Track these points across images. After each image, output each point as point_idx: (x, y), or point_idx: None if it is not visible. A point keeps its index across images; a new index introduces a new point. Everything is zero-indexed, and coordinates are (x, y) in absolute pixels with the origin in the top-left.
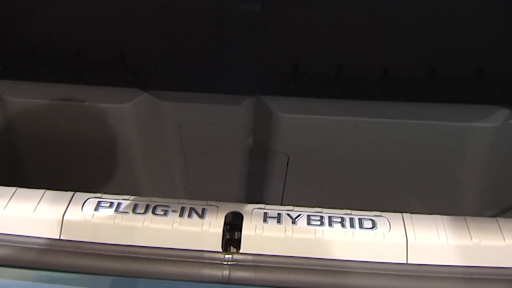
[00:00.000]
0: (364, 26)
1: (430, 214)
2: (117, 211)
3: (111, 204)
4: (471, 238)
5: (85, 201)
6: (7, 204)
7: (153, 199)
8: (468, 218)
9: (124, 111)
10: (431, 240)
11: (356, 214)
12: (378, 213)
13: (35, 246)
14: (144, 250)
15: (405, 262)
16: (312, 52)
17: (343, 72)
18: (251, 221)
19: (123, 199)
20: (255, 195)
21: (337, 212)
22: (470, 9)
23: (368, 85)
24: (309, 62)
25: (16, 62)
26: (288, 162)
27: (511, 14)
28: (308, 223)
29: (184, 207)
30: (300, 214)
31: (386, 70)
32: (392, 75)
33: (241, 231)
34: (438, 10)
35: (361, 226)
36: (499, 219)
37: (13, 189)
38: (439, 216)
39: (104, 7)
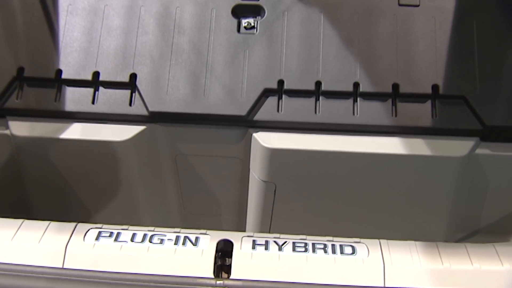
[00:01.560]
0: (336, 46)
1: (405, 239)
2: (116, 240)
3: (111, 234)
4: (442, 262)
5: (86, 232)
6: (14, 235)
7: (150, 228)
8: (439, 243)
9: (124, 145)
10: (406, 265)
11: (338, 241)
12: (357, 239)
13: (40, 275)
14: (141, 277)
15: (382, 285)
16: (293, 69)
17: (321, 86)
18: (241, 249)
19: (122, 229)
20: (246, 221)
21: (320, 239)
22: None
23: (344, 99)
24: (291, 79)
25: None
26: (275, 190)
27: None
28: (294, 250)
29: (178, 236)
30: (286, 241)
31: (357, 85)
32: (364, 89)
33: (231, 257)
34: (404, 32)
35: (342, 252)
36: (467, 244)
37: (20, 221)
38: (412, 242)
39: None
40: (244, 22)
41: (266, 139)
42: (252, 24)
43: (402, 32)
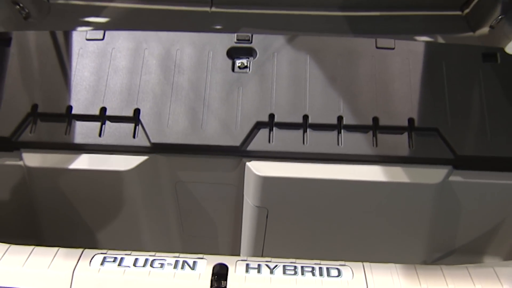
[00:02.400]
0: (321, 84)
1: (387, 261)
2: (120, 265)
3: (115, 259)
4: (420, 284)
5: (92, 257)
6: (25, 261)
7: (151, 253)
8: (417, 266)
9: (129, 174)
10: (387, 286)
11: (325, 264)
12: (343, 262)
13: None
14: None
15: None
16: (283, 104)
17: (308, 120)
18: (235, 272)
19: (125, 254)
20: (240, 242)
21: (308, 263)
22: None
23: (329, 131)
24: (282, 113)
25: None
26: (267, 215)
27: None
28: (284, 273)
29: (177, 260)
30: (277, 265)
31: (341, 118)
32: (347, 122)
33: (226, 280)
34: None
35: (328, 275)
36: (442, 266)
37: (31, 247)
38: (393, 264)
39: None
40: (238, 62)
41: (258, 168)
42: (245, 64)
43: (380, 71)
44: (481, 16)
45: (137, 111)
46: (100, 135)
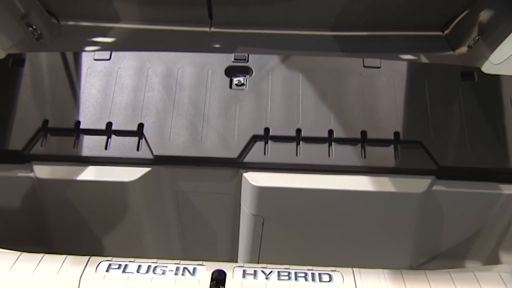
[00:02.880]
0: (313, 100)
1: (376, 266)
2: (124, 272)
3: (119, 266)
4: (406, 287)
5: (98, 264)
6: (35, 268)
7: (154, 260)
8: (403, 271)
9: (133, 185)
10: None
11: (317, 270)
12: (333, 268)
13: None
14: None
15: None
16: (277, 119)
17: (301, 133)
18: (232, 278)
19: (129, 261)
20: (238, 249)
21: (301, 268)
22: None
23: (320, 143)
24: (276, 127)
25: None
26: (263, 223)
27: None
28: (279, 278)
29: (178, 267)
30: (272, 271)
31: (331, 132)
32: (337, 136)
33: (224, 286)
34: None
35: (320, 280)
36: (427, 271)
37: (40, 255)
38: (381, 270)
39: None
40: (235, 80)
41: (254, 178)
42: (242, 82)
43: (367, 88)
44: (460, 37)
45: (140, 126)
46: (106, 148)
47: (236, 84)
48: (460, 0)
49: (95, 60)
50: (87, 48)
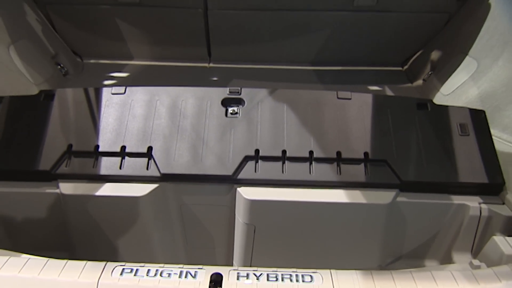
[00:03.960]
0: (296, 126)
1: (351, 266)
2: (135, 275)
3: (131, 270)
4: (375, 286)
5: (113, 269)
6: (60, 272)
7: (161, 265)
8: (373, 272)
9: (143, 199)
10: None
11: (300, 272)
12: (314, 270)
13: None
14: None
15: None
16: (266, 142)
17: (286, 154)
18: (228, 279)
19: (140, 266)
20: (233, 253)
21: (287, 271)
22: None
23: (302, 162)
24: (265, 149)
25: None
26: (255, 231)
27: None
28: (268, 279)
29: (182, 271)
30: (262, 273)
31: (312, 152)
32: (317, 156)
33: (221, 286)
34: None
35: (303, 281)
36: (392, 271)
37: (64, 261)
38: (354, 271)
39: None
40: (230, 109)
41: (247, 192)
42: (236, 111)
43: (341, 116)
44: (416, 72)
45: (150, 148)
46: (120, 167)
47: (231, 113)
48: (415, 41)
49: (112, 94)
50: (106, 82)
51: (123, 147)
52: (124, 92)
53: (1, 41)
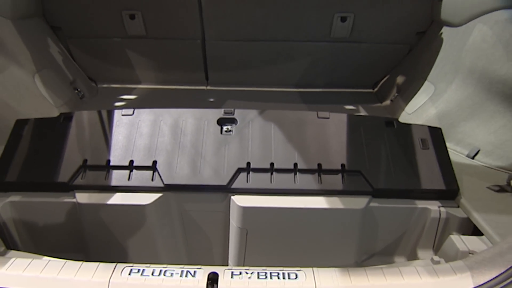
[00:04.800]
0: (282, 142)
1: (331, 263)
2: (142, 275)
3: (139, 270)
4: (351, 281)
5: (123, 269)
6: (76, 272)
7: (164, 266)
8: (349, 269)
9: (148, 207)
10: (329, 284)
11: (286, 270)
12: (299, 268)
13: None
14: None
15: None
16: (256, 155)
17: (274, 166)
18: (223, 278)
19: (146, 267)
20: (228, 254)
21: (275, 269)
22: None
23: (288, 173)
24: (256, 161)
25: (90, 174)
26: (247, 234)
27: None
28: (258, 277)
29: (183, 270)
30: (253, 272)
31: (296, 164)
32: (300, 167)
33: (217, 284)
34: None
35: (289, 278)
36: (366, 268)
37: (80, 263)
38: (333, 268)
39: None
40: (225, 128)
41: (240, 200)
42: (230, 129)
43: (321, 133)
44: (384, 93)
45: (154, 162)
46: (128, 179)
47: (225, 131)
48: (383, 68)
49: (122, 115)
50: (117, 104)
51: (131, 161)
52: (133, 114)
53: (27, 71)
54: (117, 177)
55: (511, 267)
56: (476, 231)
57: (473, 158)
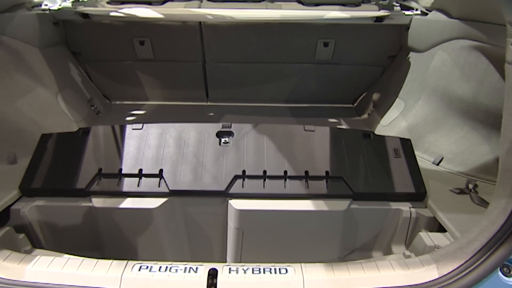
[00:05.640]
0: (273, 152)
1: (317, 259)
2: (150, 271)
3: (147, 267)
4: (334, 274)
5: (133, 266)
6: (93, 268)
7: (169, 263)
8: (333, 264)
9: (155, 210)
10: (315, 277)
11: (277, 266)
12: (288, 264)
13: None
14: None
15: None
16: (251, 164)
17: (266, 173)
18: (222, 273)
19: (153, 264)
20: (227, 251)
21: (267, 265)
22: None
23: (279, 179)
24: (250, 169)
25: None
26: (243, 233)
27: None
28: (253, 272)
29: (186, 267)
30: (248, 268)
31: (286, 172)
32: (290, 174)
33: (217, 278)
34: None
35: (280, 272)
36: (347, 262)
37: (96, 260)
38: (318, 263)
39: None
40: (223, 140)
41: (236, 204)
42: (227, 141)
43: (307, 144)
44: (362, 108)
45: (161, 171)
46: (138, 185)
47: (223, 143)
48: (361, 86)
49: (132, 129)
50: (128, 118)
51: (140, 170)
52: (142, 128)
53: (51, 91)
54: (128, 184)
55: (469, 259)
56: (441, 228)
57: (437, 164)
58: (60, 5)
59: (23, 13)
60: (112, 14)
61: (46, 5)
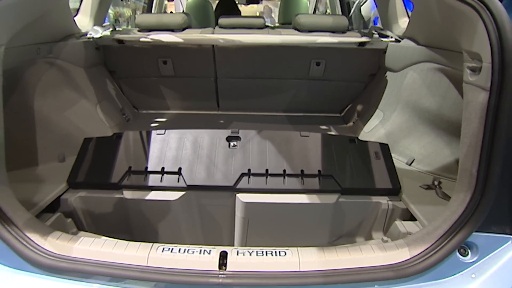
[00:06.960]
0: (274, 154)
1: (311, 244)
2: (171, 252)
3: (169, 248)
4: (325, 257)
5: (158, 247)
6: (125, 249)
7: (186, 246)
8: (324, 248)
9: (175, 202)
10: (309, 259)
11: (277, 249)
12: (286, 248)
13: (136, 269)
14: (182, 270)
15: (298, 270)
16: (255, 164)
17: (268, 171)
18: (231, 255)
19: (174, 246)
20: (234, 238)
21: (269, 249)
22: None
23: (279, 177)
24: (255, 168)
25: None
26: (248, 222)
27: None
28: (257, 255)
29: (201, 249)
30: (253, 251)
31: (285, 170)
32: (288, 172)
33: (227, 259)
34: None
35: (279, 255)
36: (336, 247)
37: (127, 242)
38: (312, 247)
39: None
40: (232, 143)
41: (243, 197)
42: (236, 145)
43: (303, 147)
44: (349, 117)
45: (180, 169)
46: (160, 181)
47: (232, 146)
48: (347, 98)
49: (156, 134)
50: (153, 125)
51: (163, 168)
52: (164, 133)
53: (92, 102)
54: (153, 179)
55: (434, 242)
56: (412, 218)
57: (410, 165)
58: (101, 33)
59: (73, 41)
60: (141, 39)
61: (90, 34)
